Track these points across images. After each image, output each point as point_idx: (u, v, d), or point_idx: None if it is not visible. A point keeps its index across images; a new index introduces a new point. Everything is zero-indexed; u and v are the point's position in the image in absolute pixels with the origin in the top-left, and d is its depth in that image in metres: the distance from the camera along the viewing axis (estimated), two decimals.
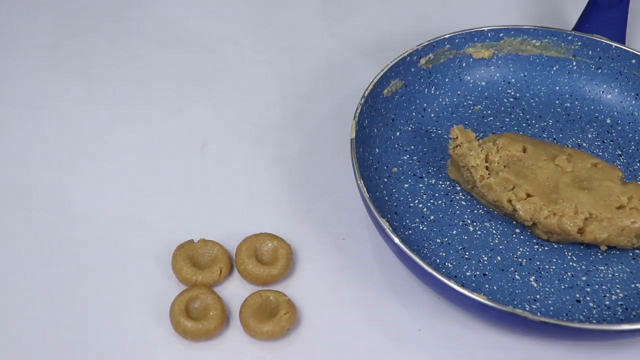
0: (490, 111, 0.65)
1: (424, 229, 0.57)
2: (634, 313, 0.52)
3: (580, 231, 0.54)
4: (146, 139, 0.65)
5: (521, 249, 0.55)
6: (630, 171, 0.61)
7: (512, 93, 0.66)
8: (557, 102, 0.66)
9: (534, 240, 0.56)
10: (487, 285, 0.53)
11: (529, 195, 0.55)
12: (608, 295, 0.53)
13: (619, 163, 0.61)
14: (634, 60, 0.64)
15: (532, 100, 0.66)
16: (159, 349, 0.51)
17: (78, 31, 0.74)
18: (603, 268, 0.55)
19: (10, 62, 0.71)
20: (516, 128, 0.64)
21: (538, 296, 0.53)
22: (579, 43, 0.65)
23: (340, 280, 0.55)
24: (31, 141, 0.64)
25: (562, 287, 0.53)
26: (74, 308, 0.53)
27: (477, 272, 0.54)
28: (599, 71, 0.66)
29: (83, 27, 0.75)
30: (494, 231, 0.57)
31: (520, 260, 0.55)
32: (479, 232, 0.56)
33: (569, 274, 0.54)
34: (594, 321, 0.52)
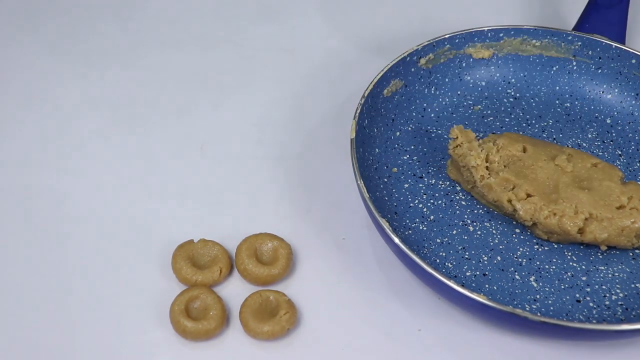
0: (490, 111, 0.65)
1: (424, 229, 0.57)
2: (634, 313, 0.52)
3: (580, 231, 0.54)
4: (146, 139, 0.65)
5: (521, 249, 0.55)
6: (630, 171, 0.61)
7: (512, 93, 0.66)
8: (557, 102, 0.66)
9: (534, 240, 0.56)
10: (487, 285, 0.53)
11: (529, 195, 0.55)
12: (608, 295, 0.53)
13: (619, 163, 0.61)
14: (634, 60, 0.64)
15: (532, 100, 0.66)
16: (159, 349, 0.51)
17: (78, 31, 0.75)
18: (603, 268, 0.55)
19: (10, 62, 0.71)
20: (516, 128, 0.64)
21: (538, 296, 0.53)
22: (579, 43, 0.65)
23: (340, 280, 0.55)
24: (31, 141, 0.64)
25: (562, 287, 0.53)
26: (74, 308, 0.53)
27: (477, 272, 0.54)
28: (599, 71, 0.66)
29: (83, 27, 0.75)
30: (494, 231, 0.57)
31: (520, 260, 0.55)
32: (479, 232, 0.56)
33: (569, 274, 0.54)
34: (594, 321, 0.52)
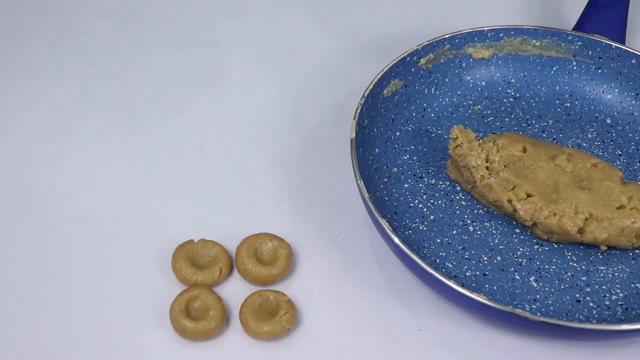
0: (490, 111, 0.65)
1: (424, 229, 0.57)
2: (634, 313, 0.52)
3: (580, 231, 0.54)
4: (146, 138, 0.65)
5: (521, 249, 0.55)
6: (630, 171, 0.61)
7: (512, 93, 0.66)
8: (557, 102, 0.66)
9: (534, 240, 0.56)
10: (487, 285, 0.53)
11: (529, 195, 0.55)
12: (608, 295, 0.53)
13: (619, 163, 0.61)
14: (634, 60, 0.64)
15: (532, 100, 0.66)
16: (159, 349, 0.51)
17: (78, 31, 0.74)
18: (603, 268, 0.55)
19: (10, 62, 0.71)
20: (516, 128, 0.64)
21: (538, 296, 0.53)
22: (579, 43, 0.65)
23: (340, 280, 0.55)
24: (31, 141, 0.64)
25: (562, 287, 0.53)
26: (74, 308, 0.53)
27: (477, 272, 0.54)
28: (599, 71, 0.66)
29: (83, 27, 0.75)
30: (494, 231, 0.57)
31: (520, 260, 0.55)
32: (479, 232, 0.56)
33: (569, 274, 0.54)
34: (594, 321, 0.51)
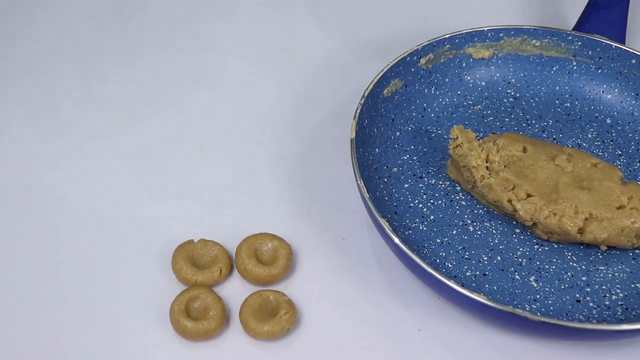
0: (490, 111, 0.65)
1: (424, 229, 0.57)
2: (634, 313, 0.52)
3: (580, 231, 0.54)
4: (146, 138, 0.65)
5: (521, 249, 0.55)
6: (630, 171, 0.61)
7: (512, 93, 0.66)
8: (557, 102, 0.66)
9: (534, 240, 0.56)
10: (487, 285, 0.53)
11: (529, 195, 0.55)
12: (608, 295, 0.53)
13: (619, 163, 0.61)
14: (634, 60, 0.64)
15: (532, 100, 0.66)
16: (159, 349, 0.51)
17: (78, 31, 0.74)
18: (603, 268, 0.55)
19: (10, 62, 0.71)
20: (516, 128, 0.64)
21: (538, 296, 0.53)
22: (579, 43, 0.65)
23: (340, 280, 0.55)
24: (31, 141, 0.64)
25: (562, 287, 0.53)
26: (74, 308, 0.53)
27: (477, 272, 0.54)
28: (599, 71, 0.66)
29: (83, 27, 0.75)
30: (494, 231, 0.57)
31: (520, 260, 0.55)
32: (479, 232, 0.56)
33: (569, 274, 0.54)
34: (594, 321, 0.51)
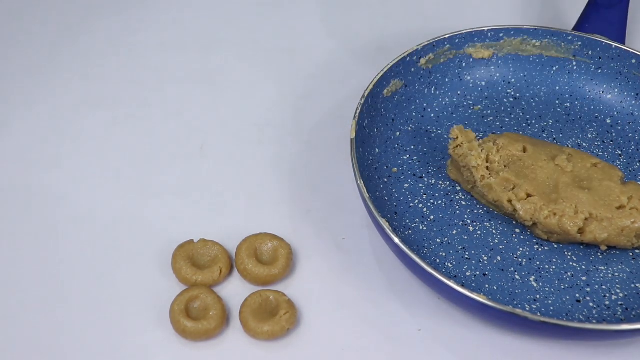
0: (490, 111, 0.65)
1: (424, 229, 0.57)
2: (634, 313, 0.52)
3: (580, 231, 0.54)
4: (146, 139, 0.65)
5: (521, 249, 0.55)
6: (630, 171, 0.61)
7: (512, 93, 0.66)
8: (557, 102, 0.66)
9: (534, 240, 0.56)
10: (487, 285, 0.53)
11: (529, 195, 0.55)
12: (608, 295, 0.53)
13: (619, 163, 0.61)
14: (634, 60, 0.64)
15: (532, 100, 0.66)
16: (159, 349, 0.51)
17: (78, 31, 0.74)
18: (603, 268, 0.55)
19: (10, 62, 0.71)
20: (516, 128, 0.64)
21: (538, 296, 0.53)
22: (579, 43, 0.65)
23: (340, 280, 0.55)
24: (31, 141, 0.64)
25: (562, 287, 0.53)
26: (74, 308, 0.53)
27: (477, 272, 0.54)
28: (599, 71, 0.66)
29: (83, 27, 0.75)
30: (494, 231, 0.57)
31: (520, 260, 0.55)
32: (479, 232, 0.56)
33: (569, 274, 0.54)
34: (594, 321, 0.51)
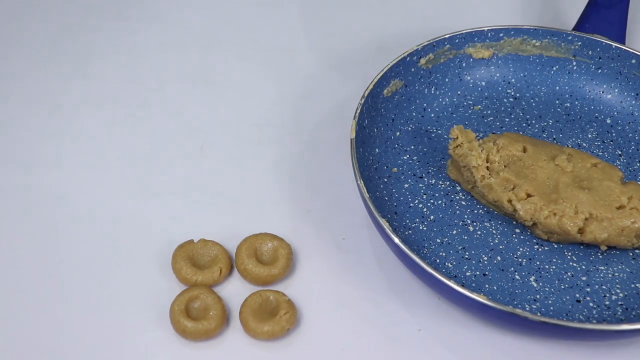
0: (490, 111, 0.65)
1: (424, 229, 0.57)
2: (634, 313, 0.52)
3: (580, 231, 0.54)
4: (146, 139, 0.65)
5: (521, 249, 0.55)
6: (630, 171, 0.61)
7: (512, 93, 0.66)
8: (557, 102, 0.66)
9: (534, 240, 0.56)
10: (487, 285, 0.53)
11: (529, 195, 0.55)
12: (608, 295, 0.53)
13: (619, 163, 0.61)
14: (634, 60, 0.64)
15: (532, 100, 0.66)
16: (159, 349, 0.51)
17: (78, 31, 0.74)
18: (603, 268, 0.55)
19: (10, 62, 0.71)
20: (516, 128, 0.64)
21: (538, 296, 0.53)
22: (579, 43, 0.65)
23: (340, 280, 0.55)
24: (31, 141, 0.64)
25: (562, 287, 0.53)
26: (74, 308, 0.53)
27: (477, 272, 0.54)
28: (599, 71, 0.66)
29: (83, 27, 0.75)
30: (494, 231, 0.57)
31: (520, 260, 0.55)
32: (479, 232, 0.56)
33: (569, 274, 0.54)
34: (594, 321, 0.51)
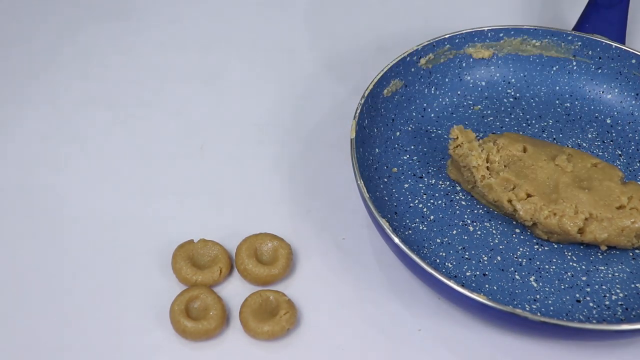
0: (490, 111, 0.65)
1: (424, 229, 0.57)
2: (634, 313, 0.52)
3: (581, 231, 0.54)
4: (146, 139, 0.65)
5: (521, 249, 0.55)
6: (630, 171, 0.61)
7: (512, 93, 0.66)
8: (557, 102, 0.66)
9: (534, 240, 0.56)
10: (487, 285, 0.53)
11: (529, 195, 0.55)
12: (608, 295, 0.53)
13: (619, 163, 0.61)
14: (634, 60, 0.64)
15: (532, 100, 0.66)
16: (158, 349, 0.51)
17: (78, 31, 0.74)
18: (603, 268, 0.55)
19: (10, 62, 0.71)
20: (516, 128, 0.64)
21: (538, 296, 0.53)
22: (579, 43, 0.65)
23: (340, 280, 0.55)
24: (31, 141, 0.64)
25: (562, 287, 0.53)
26: (74, 308, 0.53)
27: (477, 272, 0.54)
28: (599, 71, 0.66)
29: (83, 27, 0.75)
30: (494, 231, 0.57)
31: (520, 260, 0.55)
32: (479, 232, 0.56)
33: (569, 274, 0.54)
34: (594, 321, 0.51)
